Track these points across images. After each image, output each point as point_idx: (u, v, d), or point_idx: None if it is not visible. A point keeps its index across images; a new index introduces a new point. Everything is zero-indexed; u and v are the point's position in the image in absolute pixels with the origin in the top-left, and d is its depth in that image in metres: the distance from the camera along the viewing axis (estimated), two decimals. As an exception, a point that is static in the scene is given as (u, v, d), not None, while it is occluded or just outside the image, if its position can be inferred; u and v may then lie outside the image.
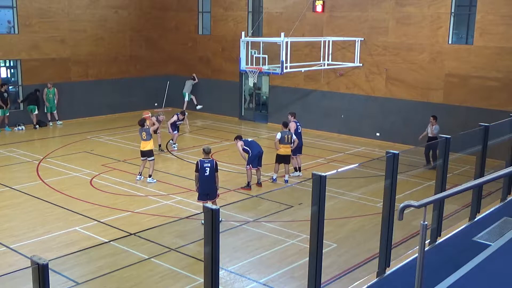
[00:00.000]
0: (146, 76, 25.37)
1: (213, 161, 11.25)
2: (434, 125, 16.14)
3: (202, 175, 11.12)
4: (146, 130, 14.59)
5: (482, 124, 8.84)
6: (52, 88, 21.67)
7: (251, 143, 14.27)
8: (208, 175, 11.11)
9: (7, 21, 21.14)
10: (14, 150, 17.80)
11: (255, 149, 14.07)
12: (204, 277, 5.03)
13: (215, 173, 11.18)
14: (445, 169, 7.76)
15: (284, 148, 14.51)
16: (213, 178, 11.18)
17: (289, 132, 14.73)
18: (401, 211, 4.67)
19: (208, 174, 11.11)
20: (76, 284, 8.80)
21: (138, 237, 10.39)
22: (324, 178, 5.83)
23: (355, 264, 9.60)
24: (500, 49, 17.05)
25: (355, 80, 20.34)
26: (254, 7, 23.35)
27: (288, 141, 14.52)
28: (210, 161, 11.22)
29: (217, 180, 11.32)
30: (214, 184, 11.23)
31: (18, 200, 12.99)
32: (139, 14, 24.89)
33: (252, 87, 23.12)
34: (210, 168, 11.11)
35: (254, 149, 14.06)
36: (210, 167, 11.12)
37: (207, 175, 11.11)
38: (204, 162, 11.18)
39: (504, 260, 6.97)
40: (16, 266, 9.36)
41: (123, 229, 11.14)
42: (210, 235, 4.90)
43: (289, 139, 14.57)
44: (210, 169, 11.11)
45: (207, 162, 11.18)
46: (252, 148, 14.07)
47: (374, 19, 19.58)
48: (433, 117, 16.26)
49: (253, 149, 14.04)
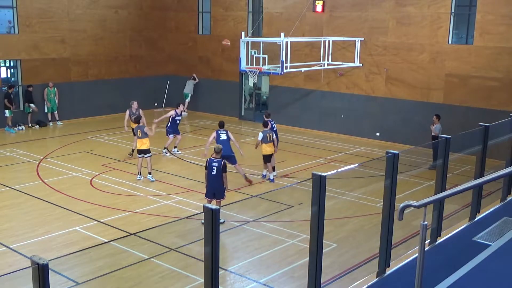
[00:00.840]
0: (146, 76, 25.38)
1: (221, 161, 11.36)
2: (436, 124, 16.11)
3: (209, 173, 11.33)
4: (141, 128, 14.60)
5: (482, 124, 8.83)
6: (53, 88, 21.67)
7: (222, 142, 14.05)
8: (214, 174, 11.26)
9: (7, 21, 21.14)
10: (14, 150, 17.80)
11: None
12: (204, 277, 5.03)
13: (222, 173, 11.28)
14: (445, 169, 7.76)
15: (268, 147, 14.63)
16: (220, 178, 11.29)
17: (270, 131, 14.80)
18: (401, 211, 4.68)
19: (215, 173, 11.25)
20: (76, 284, 8.80)
21: (138, 237, 10.39)
22: (324, 178, 5.83)
23: (355, 264, 9.60)
24: (500, 49, 17.05)
25: (355, 80, 20.34)
26: (254, 7, 23.35)
27: (270, 139, 14.65)
28: (219, 160, 11.34)
29: (225, 181, 11.43)
30: (221, 184, 11.35)
31: (18, 200, 12.99)
32: (139, 14, 24.89)
33: (252, 87, 23.12)
34: (217, 168, 11.26)
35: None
36: (217, 166, 11.27)
37: (214, 174, 11.27)
38: (212, 161, 11.36)
39: (504, 260, 6.97)
40: (16, 266, 9.35)
41: (123, 229, 11.14)
42: (210, 235, 4.90)
43: (271, 137, 14.69)
44: (217, 169, 11.26)
45: (215, 161, 11.34)
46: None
47: (374, 19, 19.57)
48: (436, 116, 16.21)
49: None
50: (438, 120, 16.18)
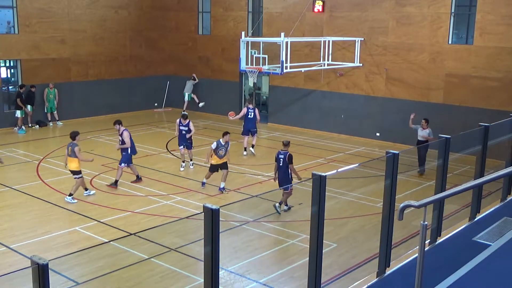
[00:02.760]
0: (146, 76, 25.37)
1: (287, 153, 12.13)
2: (425, 128, 15.56)
3: (278, 165, 12.21)
4: (73, 146, 12.91)
5: (482, 124, 8.83)
6: (53, 89, 21.67)
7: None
8: (282, 166, 12.11)
9: (6, 22, 21.14)
10: (14, 150, 17.80)
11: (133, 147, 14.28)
12: (204, 277, 5.03)
13: (288, 164, 12.00)
14: (445, 169, 7.76)
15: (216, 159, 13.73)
16: (286, 169, 12.09)
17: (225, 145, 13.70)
18: (401, 211, 4.67)
19: (282, 164, 12.09)
20: (76, 284, 8.80)
21: (138, 237, 10.39)
22: (324, 178, 5.83)
23: (355, 264, 9.60)
24: (500, 49, 17.05)
25: (355, 80, 20.34)
26: (254, 7, 23.34)
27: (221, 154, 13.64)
28: (285, 153, 12.15)
29: (293, 172, 12.12)
30: (288, 176, 12.10)
31: (18, 200, 12.99)
32: (139, 14, 24.89)
33: (252, 87, 23.12)
34: (283, 160, 12.07)
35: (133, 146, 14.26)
36: (283, 158, 12.07)
37: (281, 165, 12.12)
38: (280, 153, 12.23)
39: (504, 260, 6.97)
40: (16, 266, 9.35)
41: (123, 229, 11.14)
42: (210, 235, 4.90)
43: (224, 152, 13.66)
44: (283, 160, 12.07)
45: (282, 153, 12.16)
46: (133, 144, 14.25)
47: (374, 19, 19.57)
48: (425, 120, 15.66)
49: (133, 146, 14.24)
50: (427, 124, 15.61)
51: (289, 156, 12.02)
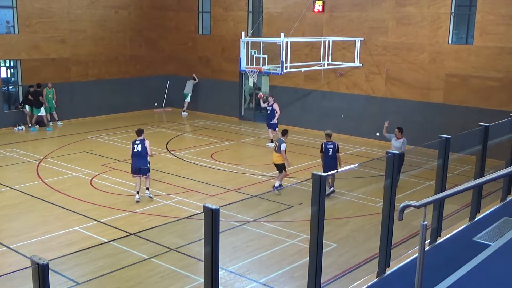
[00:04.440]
0: (146, 76, 25.37)
1: (334, 143, 13.28)
2: (400, 138, 13.93)
3: (326, 155, 13.18)
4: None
5: (482, 124, 8.83)
6: (51, 89, 21.66)
7: None
8: (331, 155, 13.16)
9: (5, 21, 21.13)
10: (14, 150, 17.79)
11: None
12: (204, 277, 5.03)
13: (336, 153, 13.16)
14: (445, 169, 7.76)
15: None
16: (335, 158, 13.18)
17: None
18: (401, 211, 4.68)
19: (331, 153, 13.14)
20: (76, 284, 8.80)
21: (138, 237, 10.39)
22: (324, 178, 5.83)
23: (355, 264, 9.60)
24: (500, 49, 17.05)
25: (355, 80, 20.34)
26: (254, 7, 23.34)
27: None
28: (333, 143, 13.25)
29: (339, 161, 13.27)
30: (336, 163, 13.18)
31: (18, 200, 12.99)
32: (139, 14, 24.89)
33: (252, 87, 23.11)
34: (333, 149, 13.17)
35: None
36: (332, 148, 13.17)
37: (330, 155, 13.14)
38: (327, 144, 13.21)
39: (504, 260, 6.97)
40: (16, 266, 9.35)
41: (123, 229, 11.14)
42: (210, 235, 4.90)
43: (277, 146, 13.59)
44: (333, 150, 13.16)
45: (330, 144, 13.21)
46: None
47: (374, 19, 19.57)
48: (399, 129, 13.95)
49: None
50: (401, 133, 13.94)
51: (337, 145, 13.25)
